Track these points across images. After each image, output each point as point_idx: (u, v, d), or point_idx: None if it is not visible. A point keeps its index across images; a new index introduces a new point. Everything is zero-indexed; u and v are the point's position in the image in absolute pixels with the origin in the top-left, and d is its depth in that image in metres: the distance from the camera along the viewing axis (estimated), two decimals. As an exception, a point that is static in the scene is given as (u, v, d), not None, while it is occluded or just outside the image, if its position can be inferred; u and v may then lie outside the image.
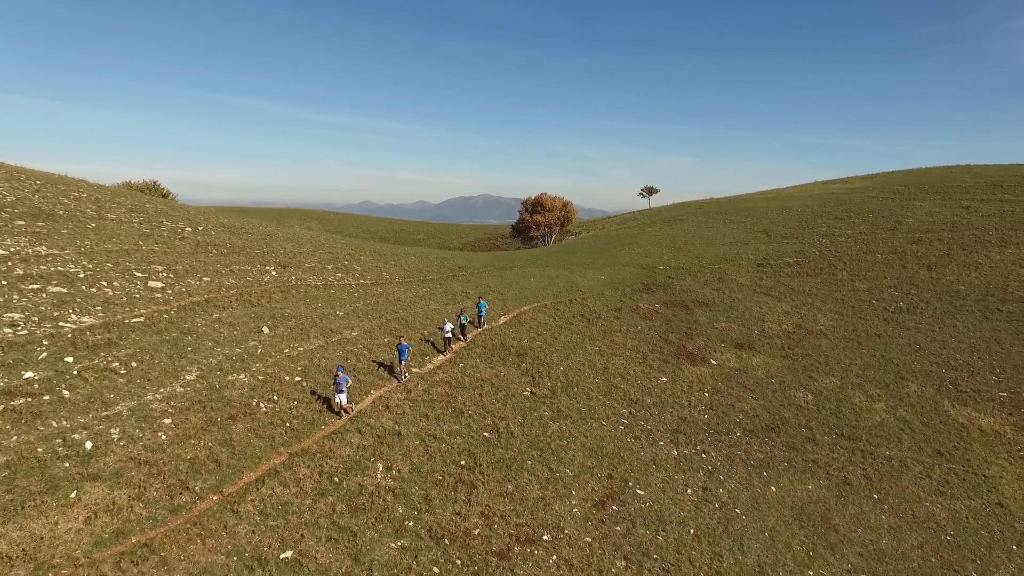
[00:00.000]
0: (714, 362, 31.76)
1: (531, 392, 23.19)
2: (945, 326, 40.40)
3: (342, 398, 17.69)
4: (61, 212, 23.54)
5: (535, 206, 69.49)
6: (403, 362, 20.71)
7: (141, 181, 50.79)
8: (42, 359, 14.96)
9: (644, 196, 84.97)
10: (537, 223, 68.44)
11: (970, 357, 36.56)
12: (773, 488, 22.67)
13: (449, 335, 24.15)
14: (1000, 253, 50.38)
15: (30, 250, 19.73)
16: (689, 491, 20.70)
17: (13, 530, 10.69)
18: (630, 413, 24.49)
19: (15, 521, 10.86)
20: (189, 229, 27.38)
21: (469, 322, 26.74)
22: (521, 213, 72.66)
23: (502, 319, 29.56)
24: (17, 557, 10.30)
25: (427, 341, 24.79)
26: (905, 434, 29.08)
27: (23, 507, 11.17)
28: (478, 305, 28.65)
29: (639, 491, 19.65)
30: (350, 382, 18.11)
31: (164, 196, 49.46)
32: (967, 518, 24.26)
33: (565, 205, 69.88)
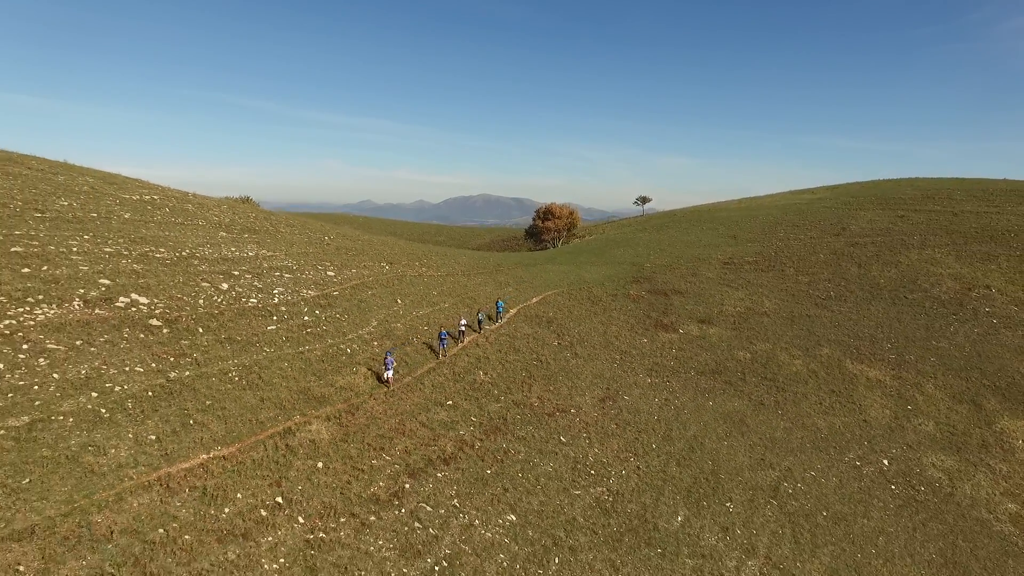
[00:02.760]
0: (681, 331, 45.07)
1: (558, 343, 36.53)
2: (861, 309, 53.61)
3: (389, 373, 24.47)
4: (258, 227, 36.88)
5: (546, 214, 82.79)
6: (443, 346, 28.99)
7: (237, 197, 63.84)
8: (306, 311, 28.25)
9: (639, 204, 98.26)
10: (548, 228, 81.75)
11: (874, 331, 49.74)
12: (711, 403, 35.92)
13: (463, 329, 31.33)
14: (918, 254, 63.75)
15: (260, 252, 33.01)
16: (655, 400, 33.99)
17: (340, 379, 23.96)
18: (620, 358, 37.82)
19: (339, 375, 24.13)
20: (327, 238, 40.78)
21: (488, 316, 35.30)
22: (534, 219, 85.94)
23: (534, 299, 42.90)
24: (348, 388, 23.57)
25: (456, 335, 37.98)
26: (811, 379, 42.25)
27: (339, 371, 24.44)
28: (497, 304, 37.02)
29: (625, 397, 32.93)
30: (395, 363, 25.26)
31: (254, 206, 62.34)
32: (839, 427, 37.47)
33: (571, 213, 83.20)
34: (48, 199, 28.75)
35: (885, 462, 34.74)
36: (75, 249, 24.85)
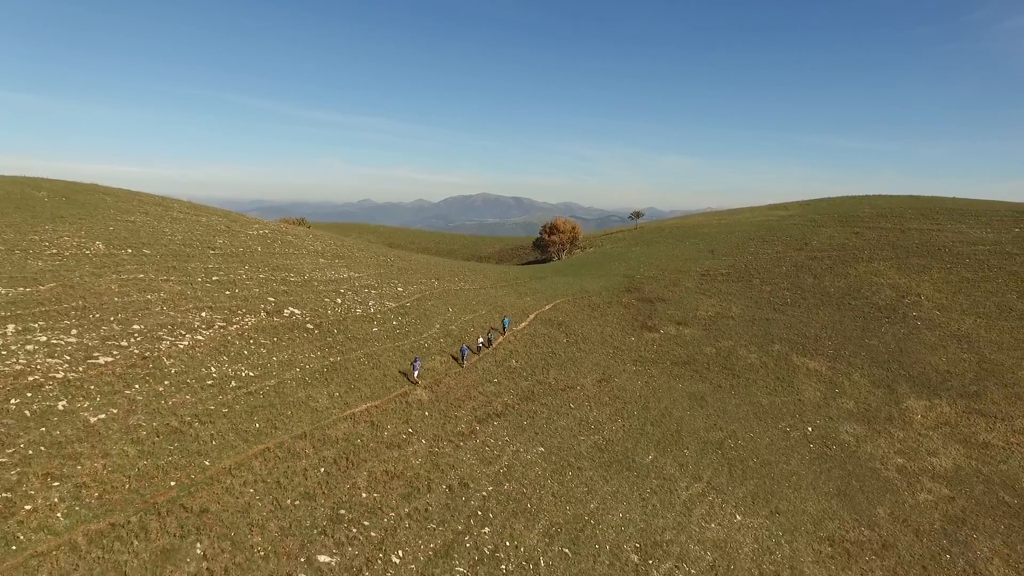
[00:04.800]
0: (662, 331, 57.32)
1: (566, 340, 48.83)
2: (811, 314, 65.72)
3: (416, 374, 33.59)
4: (342, 254, 49.11)
5: (552, 229, 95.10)
6: (464, 357, 39.84)
7: (293, 219, 75.80)
8: (392, 317, 40.49)
9: (633, 219, 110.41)
10: (553, 241, 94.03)
11: (819, 331, 61.81)
12: (680, 385, 48.15)
13: (481, 344, 43.10)
14: (866, 266, 75.92)
15: (351, 274, 45.24)
16: (638, 382, 46.24)
17: (425, 364, 36.19)
18: (613, 351, 50.08)
19: (424, 362, 36.34)
20: (389, 259, 53.03)
21: (494, 329, 46.85)
22: (541, 233, 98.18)
23: (547, 307, 55.19)
24: (431, 370, 35.84)
25: (476, 349, 50.27)
26: (762, 369, 54.36)
27: (423, 359, 36.68)
28: (503, 321, 48.25)
29: (616, 379, 45.19)
30: (421, 364, 36.35)
31: (308, 227, 74.56)
32: (778, 404, 49.63)
33: (574, 228, 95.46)
34: (210, 238, 41.04)
35: (809, 429, 46.95)
36: (244, 277, 37.10)
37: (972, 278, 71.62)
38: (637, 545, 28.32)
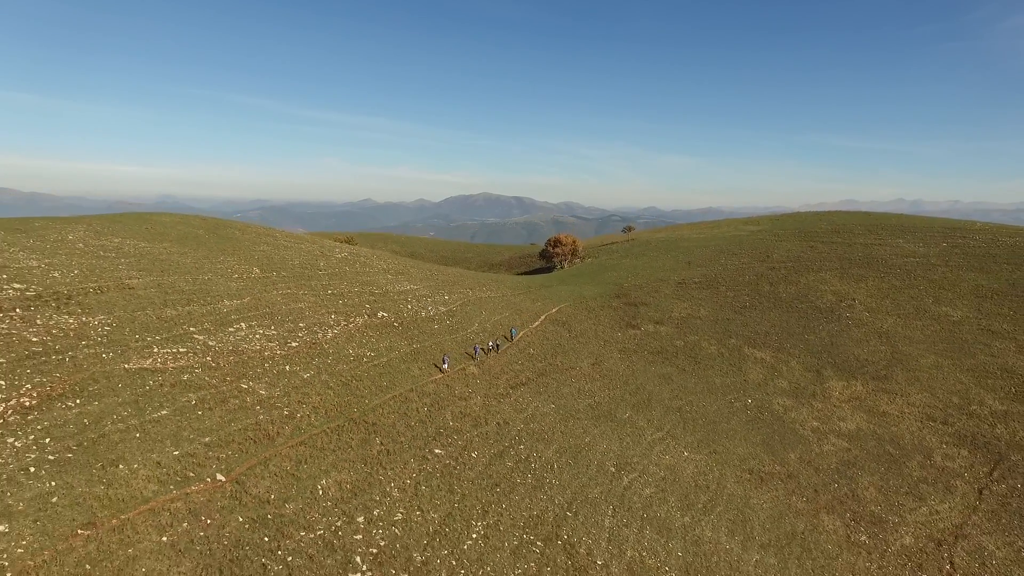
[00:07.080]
0: (642, 329, 73.80)
1: (568, 335, 65.38)
2: (764, 315, 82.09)
3: (445, 366, 50.94)
4: (401, 270, 65.62)
5: (556, 243, 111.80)
6: (476, 354, 58.60)
7: (342, 234, 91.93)
8: (446, 318, 57.06)
9: (625, 232, 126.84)
10: (557, 253, 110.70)
11: (768, 329, 78.18)
12: (653, 368, 64.61)
13: (492, 347, 60.51)
14: (814, 276, 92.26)
15: (411, 287, 61.78)
16: (622, 366, 62.73)
17: (459, 359, 52.74)
18: (604, 344, 66.63)
19: (471, 348, 52.87)
20: (433, 274, 69.50)
21: (504, 337, 65.74)
22: (546, 246, 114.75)
23: (553, 310, 71.68)
24: (486, 355, 52.42)
25: (487, 349, 66.79)
26: (719, 357, 70.77)
27: (470, 346, 53.21)
28: (511, 330, 67.43)
29: (605, 363, 61.69)
30: (449, 359, 52.58)
31: (354, 244, 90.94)
32: (728, 383, 66.13)
33: (574, 241, 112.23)
34: (315, 261, 57.55)
35: (749, 401, 63.35)
36: (346, 290, 53.60)
37: (900, 285, 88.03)
38: (615, 463, 44.84)
